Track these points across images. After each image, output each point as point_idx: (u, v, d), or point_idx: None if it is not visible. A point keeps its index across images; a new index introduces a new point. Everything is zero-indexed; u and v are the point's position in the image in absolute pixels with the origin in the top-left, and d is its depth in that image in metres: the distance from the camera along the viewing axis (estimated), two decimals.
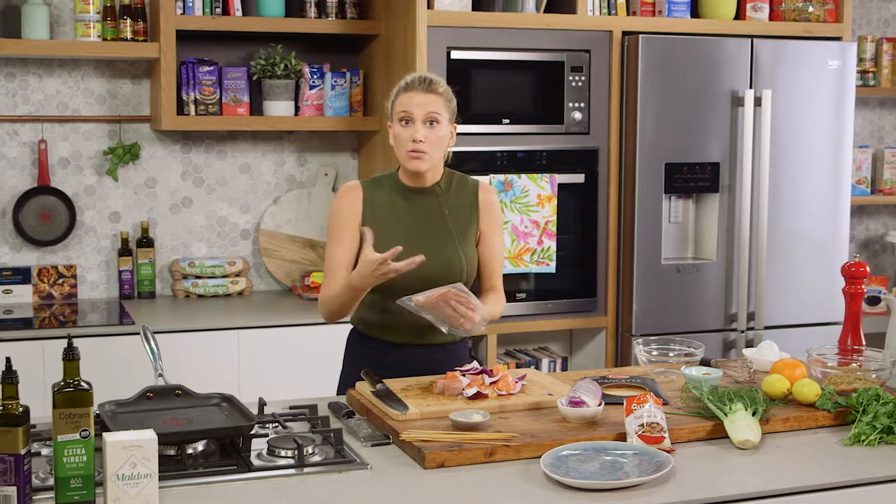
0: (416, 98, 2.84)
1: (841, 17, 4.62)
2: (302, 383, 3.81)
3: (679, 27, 4.39)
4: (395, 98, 2.90)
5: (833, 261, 4.55)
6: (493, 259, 2.99)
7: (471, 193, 2.97)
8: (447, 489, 2.14)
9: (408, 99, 2.85)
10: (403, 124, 2.85)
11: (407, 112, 2.84)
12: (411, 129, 2.84)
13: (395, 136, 2.89)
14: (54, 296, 4.36)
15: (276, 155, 4.65)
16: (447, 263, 2.87)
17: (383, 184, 2.96)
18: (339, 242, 2.90)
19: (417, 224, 2.91)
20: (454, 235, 2.92)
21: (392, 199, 2.93)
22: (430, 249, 2.84)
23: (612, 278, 4.39)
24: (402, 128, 2.85)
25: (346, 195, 2.94)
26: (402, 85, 2.89)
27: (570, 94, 4.26)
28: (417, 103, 2.84)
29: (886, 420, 2.45)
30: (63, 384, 1.97)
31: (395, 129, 2.88)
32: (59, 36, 4.29)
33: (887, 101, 5.49)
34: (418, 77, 2.88)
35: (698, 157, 4.34)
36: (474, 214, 2.96)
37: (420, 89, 2.85)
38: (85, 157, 4.41)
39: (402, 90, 2.88)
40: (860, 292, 2.97)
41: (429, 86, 2.86)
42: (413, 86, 2.86)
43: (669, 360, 2.93)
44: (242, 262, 4.54)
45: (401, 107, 2.86)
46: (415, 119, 2.83)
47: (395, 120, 2.87)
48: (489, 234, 2.98)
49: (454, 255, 2.90)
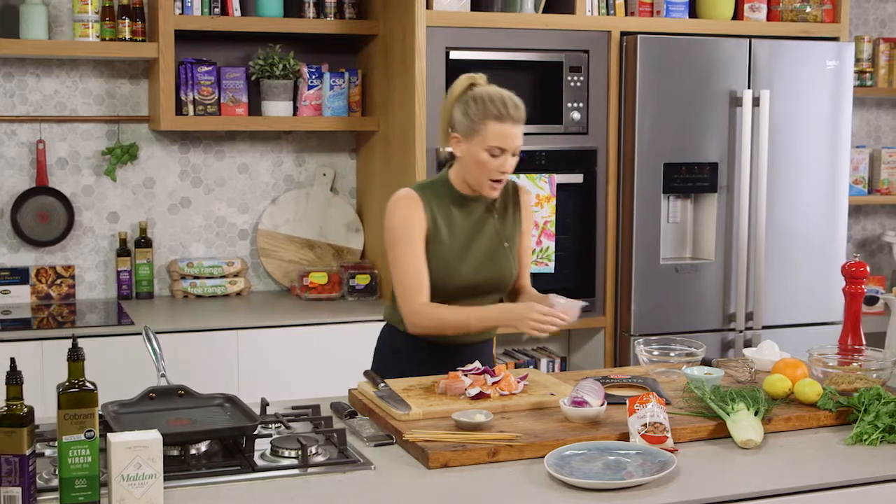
0: (511, 130, 2.80)
1: (838, 17, 4.63)
2: (301, 384, 3.82)
3: (677, 27, 4.39)
4: (482, 122, 2.81)
5: (831, 261, 4.56)
6: (524, 257, 3.06)
7: (512, 195, 3.03)
8: (451, 489, 2.14)
9: (503, 131, 2.79)
10: (495, 154, 2.81)
11: (502, 147, 2.81)
12: (501, 161, 2.82)
13: (479, 163, 2.83)
14: (52, 296, 4.36)
15: (274, 155, 4.65)
16: (498, 268, 2.94)
17: (437, 192, 2.93)
18: (415, 252, 2.86)
19: (471, 231, 2.94)
20: (505, 240, 2.97)
21: (447, 207, 2.92)
22: (482, 255, 2.92)
23: (611, 278, 4.40)
24: (491, 158, 2.81)
25: (410, 205, 2.88)
26: (493, 112, 2.80)
27: (569, 95, 4.27)
28: (511, 136, 2.81)
29: (888, 419, 2.46)
30: (68, 384, 1.97)
31: (479, 154, 2.82)
32: (58, 36, 4.28)
33: (884, 101, 5.50)
34: (510, 104, 2.81)
35: (696, 157, 4.34)
36: (517, 216, 3.02)
37: (513, 120, 2.80)
38: (83, 157, 4.40)
39: (495, 118, 2.80)
40: (860, 292, 2.98)
41: (520, 117, 2.82)
42: (507, 116, 2.80)
43: (671, 360, 2.94)
44: (241, 262, 4.54)
45: (495, 139, 2.79)
46: (507, 152, 2.82)
47: (482, 147, 2.81)
48: (524, 235, 3.06)
49: (505, 260, 2.96)
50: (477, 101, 2.82)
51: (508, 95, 2.84)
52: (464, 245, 2.91)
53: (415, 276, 2.85)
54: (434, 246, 2.88)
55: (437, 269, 2.88)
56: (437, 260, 2.87)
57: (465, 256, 2.89)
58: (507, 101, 2.82)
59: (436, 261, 2.87)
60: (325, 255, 4.66)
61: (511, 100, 2.83)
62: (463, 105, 2.85)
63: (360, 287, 4.41)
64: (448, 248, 2.89)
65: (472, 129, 2.82)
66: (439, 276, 2.88)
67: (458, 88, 2.89)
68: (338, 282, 4.44)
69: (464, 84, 2.89)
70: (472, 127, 2.82)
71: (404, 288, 2.87)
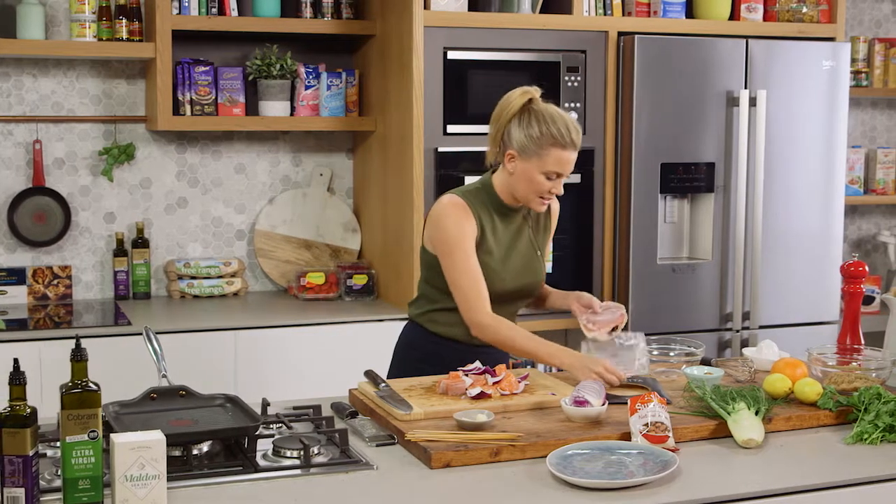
0: (571, 157, 2.84)
1: (834, 17, 4.64)
2: (299, 384, 3.81)
3: (674, 27, 4.40)
4: (545, 146, 2.82)
5: (827, 260, 4.57)
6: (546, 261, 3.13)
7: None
8: (454, 489, 2.15)
9: (564, 157, 2.82)
10: (551, 178, 2.84)
11: (558, 172, 2.83)
12: (556, 183, 2.86)
13: (533, 182, 2.84)
14: (49, 297, 4.35)
15: (271, 155, 4.64)
16: (534, 276, 3.01)
17: (482, 200, 2.94)
18: (472, 259, 2.87)
19: (511, 239, 2.98)
20: (538, 247, 3.04)
21: (491, 215, 2.95)
22: (523, 264, 2.99)
23: (608, 278, 4.40)
24: (546, 180, 2.84)
25: (461, 212, 2.89)
26: (557, 137, 2.81)
27: (566, 95, 4.27)
28: (571, 162, 2.85)
29: (888, 419, 2.46)
30: (71, 385, 1.97)
31: (535, 175, 2.83)
32: (54, 36, 4.28)
33: (879, 101, 5.52)
34: (573, 131, 2.84)
35: (693, 157, 4.35)
36: (548, 224, 3.09)
37: (574, 147, 2.84)
38: (80, 157, 4.39)
39: (559, 145, 2.81)
40: (859, 292, 2.99)
41: (579, 142, 2.86)
42: (570, 144, 2.82)
43: (670, 359, 2.94)
44: (238, 262, 4.53)
45: (555, 165, 2.82)
46: (563, 176, 2.85)
47: (539, 170, 2.82)
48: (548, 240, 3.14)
49: (539, 267, 3.03)
50: (540, 123, 2.82)
51: (571, 121, 2.86)
52: (506, 253, 2.96)
53: (478, 285, 2.87)
54: (481, 254, 2.91)
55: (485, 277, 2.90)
56: (483, 268, 2.90)
57: (507, 264, 2.95)
58: (570, 127, 2.83)
59: (482, 268, 2.90)
60: (322, 255, 4.66)
61: (574, 125, 2.85)
62: (524, 123, 2.84)
63: (358, 287, 4.41)
64: (493, 256, 2.93)
65: (533, 150, 2.83)
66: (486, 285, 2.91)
67: (516, 104, 2.87)
68: (335, 282, 4.44)
69: (522, 100, 2.87)
70: (533, 149, 2.82)
71: (468, 297, 2.87)
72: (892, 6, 5.52)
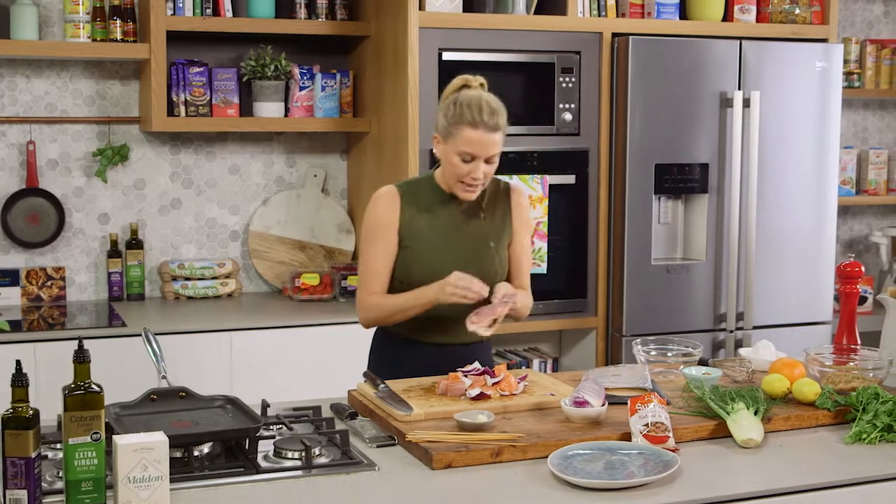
0: (482, 137, 2.77)
1: (827, 18, 4.66)
2: (295, 385, 3.82)
3: (668, 29, 4.41)
4: (455, 125, 2.79)
5: (820, 261, 4.59)
6: (521, 259, 3.03)
7: (504, 195, 3.01)
8: (456, 489, 2.15)
9: (474, 137, 2.77)
10: (466, 160, 2.80)
11: (471, 153, 2.79)
12: (472, 167, 2.80)
13: (451, 165, 2.82)
14: (43, 298, 4.34)
15: (265, 156, 4.64)
16: (484, 268, 2.90)
17: (421, 188, 2.95)
18: (377, 248, 2.90)
19: (456, 229, 2.93)
20: (491, 241, 2.95)
21: (431, 204, 2.92)
22: (467, 255, 2.90)
23: (603, 279, 4.41)
24: (463, 163, 2.80)
25: (383, 200, 2.92)
26: (468, 117, 2.77)
27: (561, 96, 4.28)
28: (483, 144, 2.78)
29: (887, 418, 2.47)
30: (74, 386, 1.97)
31: (451, 157, 2.81)
32: (48, 37, 4.26)
33: (871, 102, 5.54)
34: (486, 111, 2.77)
35: (687, 158, 4.36)
36: (508, 217, 3.00)
37: (487, 127, 2.77)
38: (73, 158, 4.38)
39: (468, 124, 2.77)
40: (855, 292, 3.00)
41: (494, 126, 2.78)
42: (480, 123, 2.76)
43: (668, 360, 2.95)
44: (232, 263, 4.53)
45: (465, 145, 2.77)
46: (478, 158, 2.80)
47: (454, 151, 2.80)
48: (518, 234, 3.02)
49: (489, 258, 2.93)
50: (457, 105, 2.81)
51: (488, 101, 2.80)
52: (445, 242, 2.91)
53: (369, 272, 2.90)
54: (413, 242, 2.89)
55: (417, 264, 2.89)
56: (416, 256, 2.89)
57: (446, 253, 2.89)
58: (483, 107, 2.78)
59: (416, 256, 2.89)
60: (316, 256, 4.66)
61: (489, 106, 2.79)
62: (445, 106, 2.85)
63: (352, 288, 4.41)
64: (428, 243, 2.89)
65: (448, 131, 2.82)
66: (419, 272, 2.88)
67: (448, 89, 2.90)
68: (329, 283, 4.43)
69: (455, 86, 2.89)
70: (448, 130, 2.82)
71: (360, 282, 2.94)
72: (883, 7, 5.54)
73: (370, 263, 2.91)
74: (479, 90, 2.86)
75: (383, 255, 2.90)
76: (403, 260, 2.91)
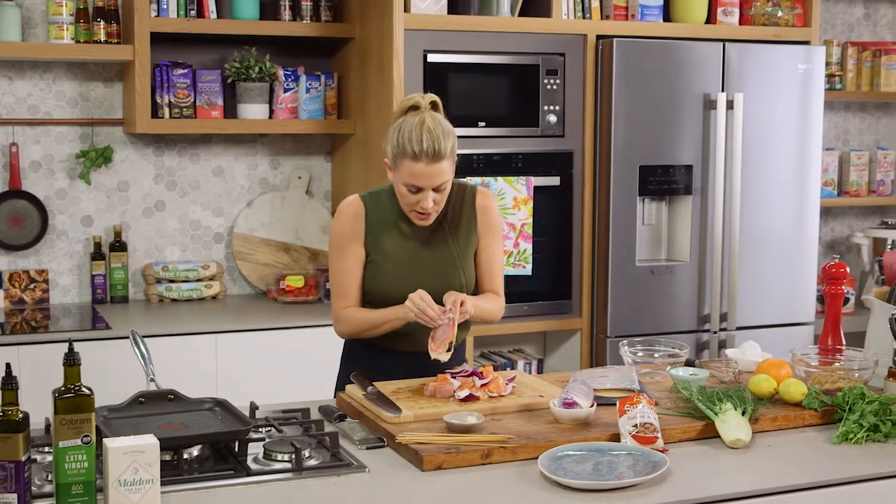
0: (425, 170, 2.71)
1: (809, 21, 4.68)
2: (281, 387, 3.80)
3: (652, 31, 4.43)
4: (398, 157, 2.74)
5: (803, 262, 4.62)
6: (490, 263, 2.95)
7: (469, 201, 2.94)
8: (447, 491, 2.15)
9: (417, 171, 2.71)
10: (412, 191, 2.75)
11: (415, 185, 2.73)
12: (420, 196, 2.75)
13: (401, 195, 2.78)
14: (26, 301, 4.32)
15: (249, 158, 4.63)
16: (447, 283, 2.85)
17: (385, 201, 2.89)
18: (346, 261, 2.87)
19: (419, 245, 2.88)
20: (455, 253, 2.90)
21: (394, 218, 2.88)
22: (431, 269, 2.86)
23: (587, 280, 4.42)
24: (410, 193, 2.75)
25: (348, 214, 2.88)
26: (408, 150, 2.70)
27: (546, 97, 4.28)
28: (427, 175, 2.71)
29: (873, 418, 2.49)
30: (64, 389, 1.96)
31: (399, 186, 2.77)
32: (31, 38, 4.24)
33: (852, 104, 5.57)
34: (427, 142, 2.69)
35: (671, 160, 4.38)
36: (472, 224, 2.93)
37: (429, 159, 2.70)
38: (57, 160, 4.36)
39: (409, 157, 2.70)
40: (841, 293, 3.02)
41: (437, 155, 2.70)
42: (421, 155, 2.69)
43: (655, 361, 2.96)
44: (216, 265, 4.52)
45: (409, 177, 2.72)
46: (424, 190, 2.74)
47: (400, 181, 2.75)
48: (485, 239, 2.94)
49: (454, 274, 2.88)
50: (400, 134, 2.74)
51: (430, 129, 2.70)
52: (409, 257, 2.87)
53: (339, 286, 2.89)
54: (378, 257, 2.86)
55: (382, 279, 2.85)
56: (381, 271, 2.85)
57: (410, 268, 2.85)
58: (424, 139, 2.69)
59: (381, 271, 2.85)
60: (300, 258, 4.65)
61: (430, 134, 2.69)
62: (391, 133, 2.78)
63: None
64: (392, 259, 2.86)
65: (394, 161, 2.78)
66: (385, 286, 2.85)
67: (396, 112, 2.82)
68: (314, 285, 4.43)
69: (402, 107, 2.81)
70: (393, 160, 2.77)
71: (332, 296, 2.93)
72: (864, 10, 5.58)
73: (340, 277, 2.89)
74: (424, 115, 2.74)
75: (352, 267, 2.87)
76: (370, 274, 2.88)
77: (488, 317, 2.94)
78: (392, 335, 2.87)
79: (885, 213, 5.66)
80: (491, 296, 2.96)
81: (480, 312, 2.86)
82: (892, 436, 2.48)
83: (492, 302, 2.94)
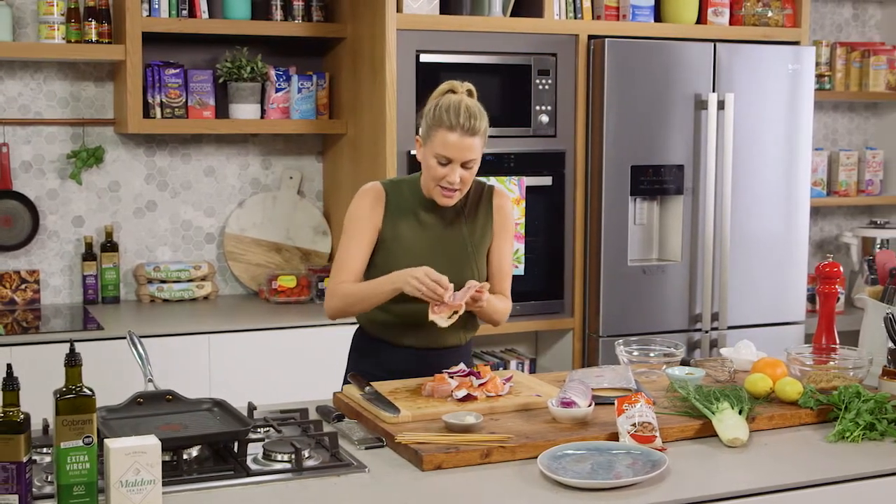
0: (458, 141, 2.76)
1: (799, 21, 4.71)
2: (275, 387, 3.80)
3: (643, 31, 4.44)
4: (433, 128, 2.79)
5: (793, 261, 4.63)
6: (501, 263, 2.99)
7: (486, 199, 2.99)
8: (447, 490, 2.16)
9: (450, 140, 2.76)
10: (442, 163, 2.79)
11: (447, 156, 2.77)
12: (448, 170, 2.78)
13: (429, 168, 2.82)
14: (17, 301, 4.30)
15: (240, 158, 4.62)
16: (459, 276, 2.85)
17: (405, 190, 2.93)
18: (356, 241, 2.88)
19: (436, 235, 2.91)
20: (469, 248, 2.93)
21: (413, 207, 2.91)
22: (445, 261, 2.87)
23: (579, 280, 4.43)
24: (439, 166, 2.79)
25: (369, 196, 2.91)
26: (445, 120, 2.76)
27: (537, 97, 4.29)
28: (459, 147, 2.76)
29: (869, 417, 2.51)
30: (65, 390, 1.95)
31: (429, 159, 2.81)
32: (22, 38, 4.22)
33: (841, 104, 5.60)
34: (464, 116, 2.75)
35: (663, 160, 4.39)
36: (489, 222, 2.97)
37: (463, 131, 2.75)
38: (47, 160, 4.35)
39: (445, 127, 2.76)
40: (834, 292, 3.04)
41: (472, 130, 2.76)
42: (457, 126, 2.75)
43: (650, 360, 2.97)
44: (208, 265, 4.51)
45: (441, 147, 2.77)
46: (454, 162, 2.78)
47: (431, 153, 2.80)
48: (499, 238, 2.99)
49: (467, 268, 2.91)
50: (437, 109, 2.81)
51: (468, 106, 2.78)
52: (427, 248, 2.90)
53: (342, 262, 2.89)
54: (393, 244, 2.89)
55: (394, 266, 2.85)
56: (395, 259, 2.87)
57: (424, 258, 2.86)
58: (461, 111, 2.76)
59: (394, 259, 2.87)
60: (292, 258, 4.65)
61: (468, 110, 2.77)
62: (427, 110, 2.85)
63: None
64: (407, 248, 2.89)
65: (427, 134, 2.83)
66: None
67: (434, 94, 2.89)
68: (306, 285, 4.43)
69: (440, 90, 2.88)
70: (427, 132, 2.82)
71: (332, 273, 2.93)
72: (852, 10, 5.60)
73: (344, 253, 2.90)
74: (462, 96, 2.84)
75: (360, 248, 2.89)
76: (383, 260, 2.90)
77: (497, 316, 2.95)
78: (399, 328, 2.90)
79: (873, 212, 5.69)
80: (501, 297, 2.98)
81: (492, 309, 2.89)
82: (887, 434, 2.50)
83: (502, 302, 2.97)
